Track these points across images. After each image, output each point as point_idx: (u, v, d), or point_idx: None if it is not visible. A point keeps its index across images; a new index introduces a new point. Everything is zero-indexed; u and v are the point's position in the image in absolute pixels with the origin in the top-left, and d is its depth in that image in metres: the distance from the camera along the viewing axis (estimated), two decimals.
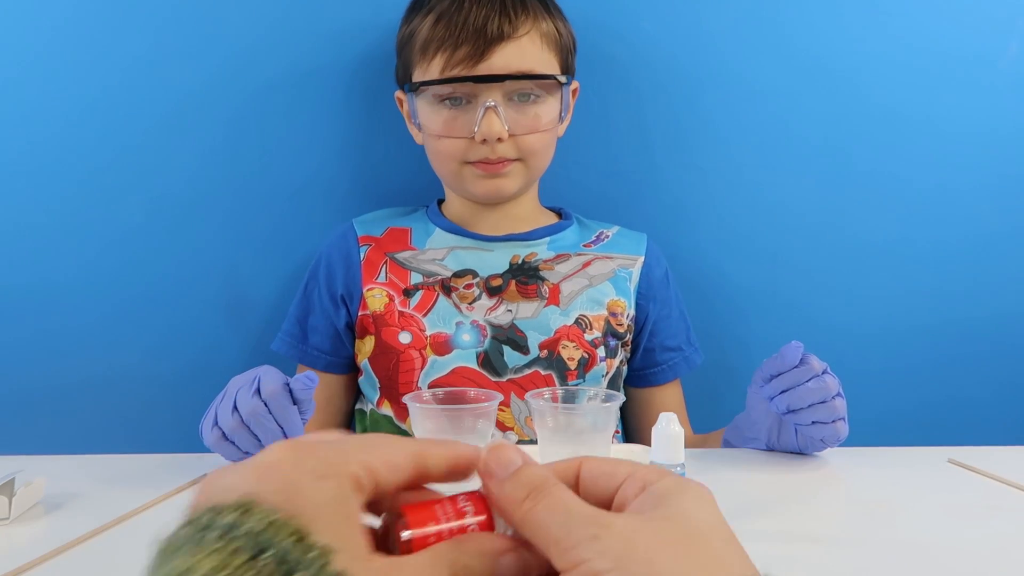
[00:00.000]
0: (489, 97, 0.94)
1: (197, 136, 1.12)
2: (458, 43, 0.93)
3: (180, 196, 1.13)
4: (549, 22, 0.98)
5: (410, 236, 1.06)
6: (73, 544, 0.62)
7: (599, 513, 0.30)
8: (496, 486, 0.32)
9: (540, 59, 0.96)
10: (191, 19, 1.10)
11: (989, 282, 1.18)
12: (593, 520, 0.30)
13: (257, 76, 1.12)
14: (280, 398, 0.74)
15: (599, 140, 1.16)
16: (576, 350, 0.98)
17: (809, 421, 0.79)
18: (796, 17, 1.14)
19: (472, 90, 0.95)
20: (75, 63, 1.10)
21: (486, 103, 0.94)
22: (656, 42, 1.14)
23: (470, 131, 0.95)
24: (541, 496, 0.31)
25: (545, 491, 0.31)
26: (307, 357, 1.05)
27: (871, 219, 1.17)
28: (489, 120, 0.94)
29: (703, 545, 0.29)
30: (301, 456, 0.29)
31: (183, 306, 1.15)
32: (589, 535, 0.29)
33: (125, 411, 1.15)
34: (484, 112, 0.94)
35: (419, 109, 0.99)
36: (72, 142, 1.11)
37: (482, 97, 0.94)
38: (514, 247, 1.04)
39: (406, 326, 0.99)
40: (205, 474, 0.79)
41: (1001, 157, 1.16)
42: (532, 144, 0.98)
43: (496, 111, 0.94)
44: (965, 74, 1.15)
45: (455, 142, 0.97)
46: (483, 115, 0.94)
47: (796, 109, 1.15)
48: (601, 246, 1.07)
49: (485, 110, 0.94)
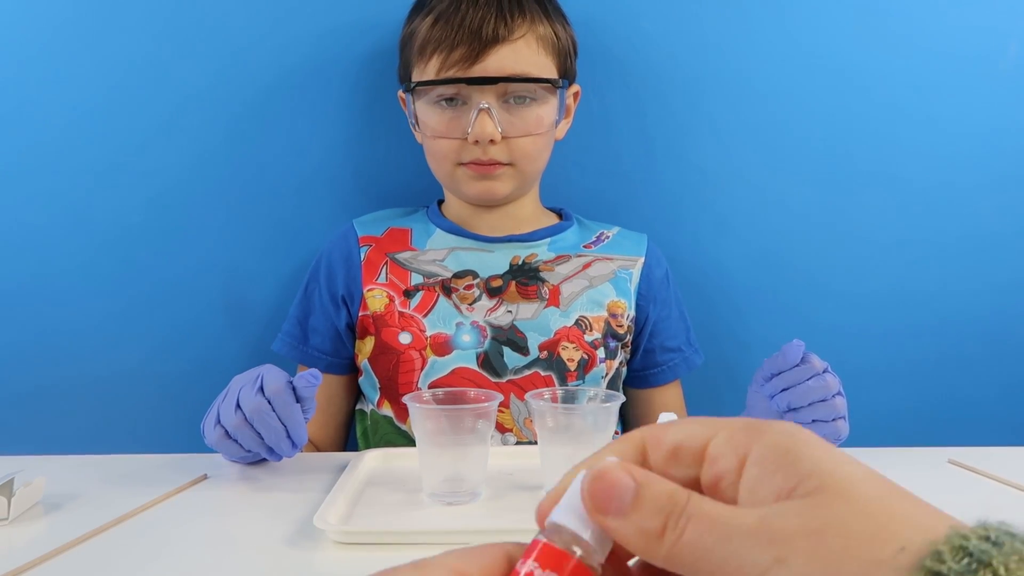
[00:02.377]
0: (483, 99, 0.94)
1: (198, 136, 1.12)
2: (454, 44, 0.93)
3: (180, 196, 1.13)
4: (547, 25, 0.98)
5: (410, 237, 1.06)
6: (73, 544, 0.62)
7: (763, 522, 0.24)
8: (619, 525, 0.26)
9: (536, 62, 0.96)
10: (191, 19, 1.10)
11: (989, 282, 1.18)
12: (765, 535, 0.24)
13: (258, 75, 1.12)
14: (284, 396, 0.75)
15: (599, 140, 1.16)
16: (576, 351, 0.98)
17: (809, 419, 0.79)
18: (796, 17, 1.14)
19: (467, 91, 0.95)
20: (76, 62, 1.10)
21: (480, 104, 0.94)
22: (656, 42, 1.14)
23: (464, 132, 0.95)
24: (683, 520, 0.25)
25: (686, 512, 0.25)
26: (308, 358, 1.05)
27: (872, 219, 1.17)
28: (482, 122, 0.94)
29: (883, 514, 0.23)
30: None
31: (183, 306, 1.15)
32: (772, 559, 0.23)
33: (126, 411, 1.15)
34: (477, 114, 0.94)
35: (417, 109, 1.00)
36: (71, 142, 1.11)
37: (476, 99, 0.95)
38: (514, 248, 1.04)
39: (406, 327, 0.99)
40: (205, 474, 0.80)
41: (1002, 157, 1.16)
42: (525, 147, 0.98)
43: (489, 113, 0.94)
44: (967, 74, 1.15)
45: (450, 143, 0.97)
46: (476, 117, 0.94)
47: (796, 109, 1.15)
48: (601, 247, 1.07)
49: (478, 112, 0.94)
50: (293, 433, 0.76)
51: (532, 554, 0.27)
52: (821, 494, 0.24)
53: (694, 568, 0.25)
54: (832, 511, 0.23)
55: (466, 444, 0.71)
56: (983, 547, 0.22)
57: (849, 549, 0.22)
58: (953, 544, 0.22)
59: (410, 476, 0.78)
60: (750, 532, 0.24)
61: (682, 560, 0.25)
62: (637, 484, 0.26)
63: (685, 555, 0.25)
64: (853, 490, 0.24)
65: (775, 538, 0.23)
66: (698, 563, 0.24)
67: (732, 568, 0.24)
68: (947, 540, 0.22)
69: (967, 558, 0.21)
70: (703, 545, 0.24)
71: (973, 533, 0.22)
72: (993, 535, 0.22)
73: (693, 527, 0.25)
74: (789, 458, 0.25)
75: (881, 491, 0.24)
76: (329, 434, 1.07)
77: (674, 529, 0.25)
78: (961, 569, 0.21)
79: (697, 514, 0.25)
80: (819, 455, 0.25)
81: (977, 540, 0.22)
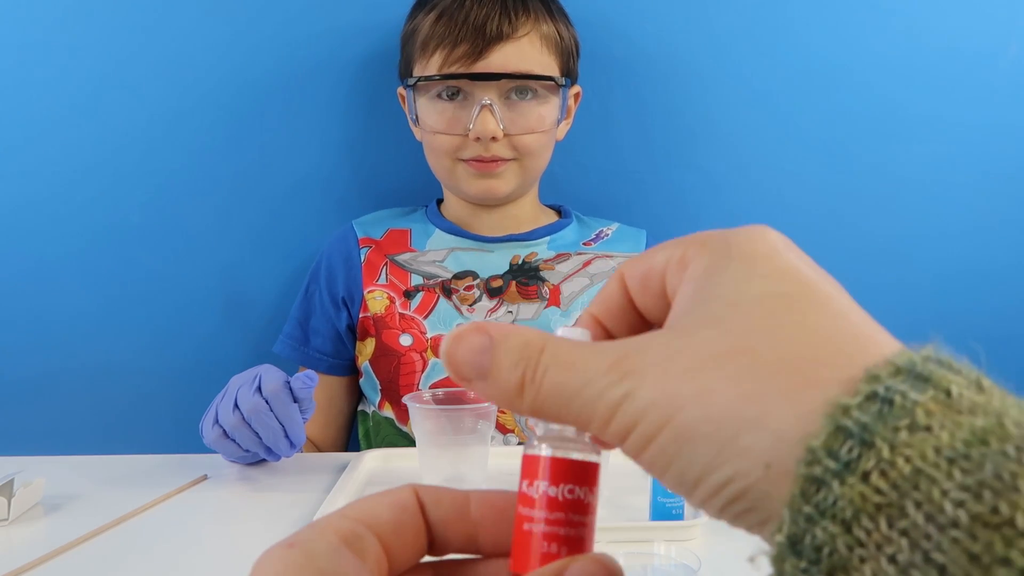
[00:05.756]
0: (485, 95, 0.94)
1: (196, 136, 1.12)
2: (457, 41, 0.93)
3: (178, 196, 1.13)
4: (551, 25, 0.98)
5: (410, 237, 1.06)
6: (73, 544, 0.62)
7: (620, 352, 0.22)
8: (484, 387, 0.24)
9: (539, 61, 0.96)
10: (191, 18, 1.10)
11: (990, 281, 1.18)
12: (618, 371, 0.22)
13: (258, 75, 1.12)
14: (281, 395, 0.75)
15: (600, 139, 1.16)
16: None
17: None
18: (797, 17, 1.14)
19: (469, 87, 0.95)
20: (76, 60, 1.10)
21: (482, 101, 0.94)
22: (656, 40, 1.14)
23: (465, 128, 0.95)
24: (539, 370, 0.23)
25: (542, 362, 0.23)
26: (309, 359, 1.05)
27: (873, 218, 1.17)
28: (484, 118, 0.94)
29: (767, 345, 0.21)
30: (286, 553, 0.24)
31: (183, 306, 1.14)
32: (621, 394, 0.21)
33: (125, 412, 1.15)
34: (480, 110, 0.94)
35: (418, 105, 0.99)
36: (69, 141, 1.11)
37: (478, 95, 0.95)
38: (514, 247, 1.04)
39: (407, 328, 0.99)
40: (205, 475, 0.80)
41: (1004, 157, 1.16)
42: (528, 144, 0.97)
43: (491, 109, 0.94)
44: (969, 74, 1.14)
45: (450, 139, 0.97)
46: (478, 113, 0.94)
47: (796, 108, 1.15)
48: (601, 244, 1.07)
49: (481, 108, 0.94)
50: (291, 433, 0.76)
51: (539, 472, 0.24)
52: (705, 324, 0.22)
53: (559, 416, 0.23)
54: (704, 336, 0.21)
55: (466, 444, 0.71)
56: (864, 420, 0.19)
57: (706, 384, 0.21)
58: (828, 431, 0.19)
59: (410, 476, 0.78)
60: (606, 370, 0.22)
61: (547, 411, 0.23)
62: (492, 340, 0.24)
63: (549, 405, 0.23)
64: (741, 319, 0.21)
65: (626, 370, 0.22)
66: (561, 412, 0.23)
67: (590, 411, 0.22)
68: (826, 422, 0.19)
69: (848, 442, 0.19)
70: (564, 393, 0.22)
71: (860, 392, 0.19)
72: (891, 387, 0.19)
73: (551, 376, 0.23)
74: (704, 281, 0.23)
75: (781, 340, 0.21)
76: (330, 435, 1.07)
77: (532, 382, 0.23)
78: (842, 459, 0.19)
79: (554, 363, 0.23)
80: (736, 278, 0.22)
81: (859, 410, 0.19)
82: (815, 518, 0.19)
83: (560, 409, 0.23)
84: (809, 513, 0.19)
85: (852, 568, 0.18)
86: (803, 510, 0.19)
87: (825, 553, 0.18)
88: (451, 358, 0.24)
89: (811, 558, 0.19)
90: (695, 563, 0.52)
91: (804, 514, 0.19)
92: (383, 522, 0.25)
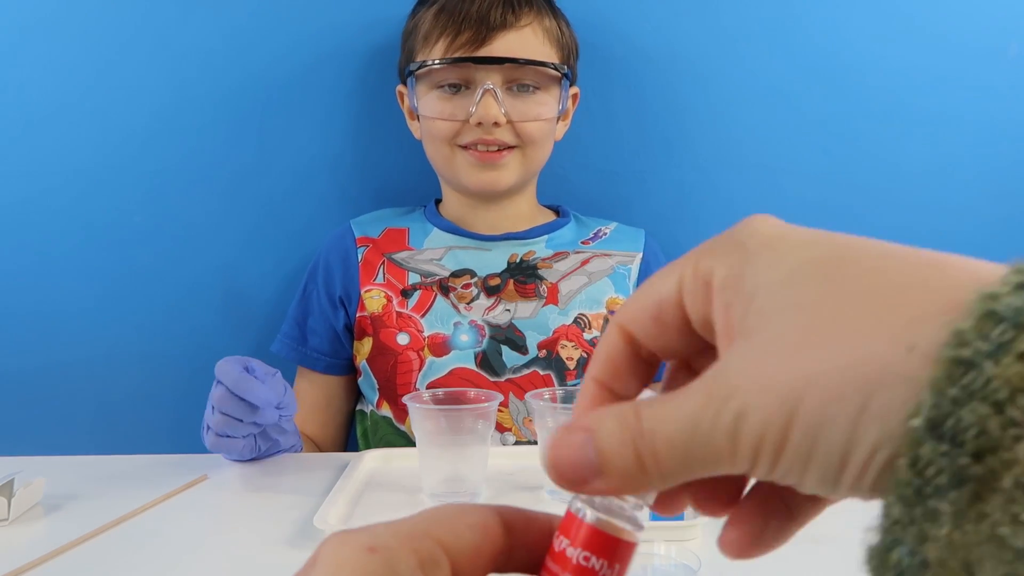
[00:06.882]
0: (488, 80, 0.94)
1: (195, 136, 1.12)
2: (460, 29, 0.94)
3: (177, 195, 1.13)
4: (552, 19, 0.99)
5: (407, 236, 1.06)
6: (73, 545, 0.62)
7: (704, 385, 0.22)
8: (605, 484, 0.23)
9: (541, 51, 0.97)
10: (190, 17, 1.10)
11: None
12: (713, 397, 0.21)
13: (256, 72, 1.12)
14: (233, 374, 0.76)
15: (599, 139, 1.16)
16: (575, 350, 0.98)
17: None
18: (796, 16, 1.14)
19: (471, 75, 0.95)
20: (75, 59, 1.10)
21: (484, 85, 0.94)
22: (656, 40, 1.14)
23: (466, 114, 0.95)
24: (645, 436, 0.22)
25: (640, 428, 0.22)
26: (307, 359, 1.05)
27: (873, 218, 1.17)
28: (486, 102, 0.94)
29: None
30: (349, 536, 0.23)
31: (182, 306, 1.14)
32: (732, 418, 0.21)
33: (126, 411, 1.15)
34: (482, 94, 0.94)
35: (418, 95, 0.99)
36: (67, 137, 1.11)
37: (481, 79, 0.95)
38: (512, 246, 1.04)
39: (404, 327, 0.99)
40: (205, 475, 0.80)
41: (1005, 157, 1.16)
42: (531, 132, 0.97)
43: (494, 94, 0.94)
44: (971, 74, 1.14)
45: (450, 124, 0.97)
46: (481, 97, 0.94)
47: (796, 107, 1.15)
48: (599, 243, 1.07)
49: (483, 92, 0.94)
50: (257, 403, 0.76)
51: (578, 538, 0.24)
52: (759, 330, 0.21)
53: (690, 470, 0.22)
54: (767, 338, 0.21)
55: (466, 444, 0.71)
56: (1018, 303, 0.18)
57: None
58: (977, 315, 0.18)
59: (410, 476, 0.78)
60: (704, 405, 0.21)
61: (675, 472, 0.22)
62: (589, 431, 0.22)
63: (674, 465, 0.21)
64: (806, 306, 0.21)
65: (725, 397, 0.21)
66: (688, 464, 0.21)
67: (713, 449, 0.21)
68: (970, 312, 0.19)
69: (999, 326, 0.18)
70: (680, 445, 0.21)
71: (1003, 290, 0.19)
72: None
73: (660, 436, 0.21)
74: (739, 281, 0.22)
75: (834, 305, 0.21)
76: (329, 434, 1.07)
77: (647, 452, 0.22)
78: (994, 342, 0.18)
79: (655, 423, 0.22)
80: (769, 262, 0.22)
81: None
82: (962, 400, 0.18)
83: (685, 462, 0.21)
84: (955, 395, 0.18)
85: (1003, 448, 0.18)
86: (948, 392, 0.18)
87: (970, 435, 0.18)
88: (558, 468, 0.23)
89: (956, 440, 0.18)
90: (695, 563, 0.52)
91: (949, 396, 0.18)
92: (462, 547, 0.24)
